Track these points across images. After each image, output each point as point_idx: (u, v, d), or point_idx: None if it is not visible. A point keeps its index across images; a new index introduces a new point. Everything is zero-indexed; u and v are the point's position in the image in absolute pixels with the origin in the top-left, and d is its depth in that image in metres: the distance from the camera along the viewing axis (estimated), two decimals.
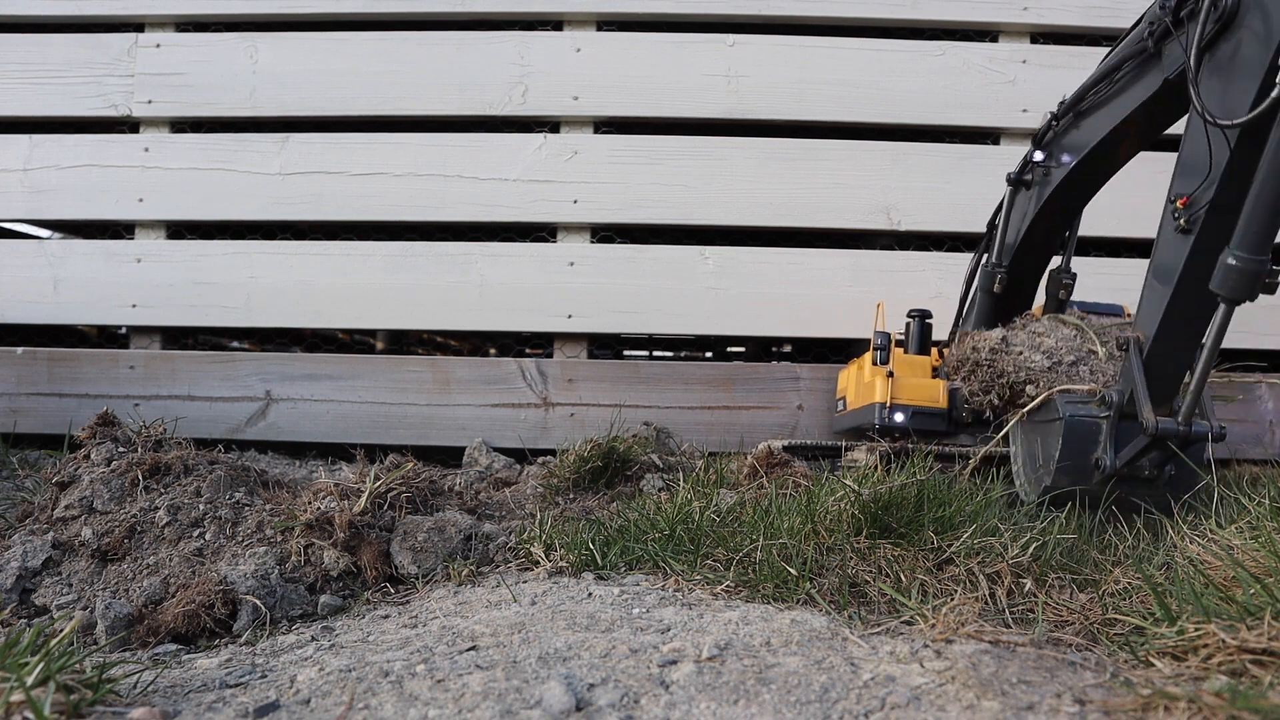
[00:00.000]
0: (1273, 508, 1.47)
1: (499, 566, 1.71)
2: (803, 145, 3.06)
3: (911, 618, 1.26)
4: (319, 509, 1.67)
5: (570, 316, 3.04)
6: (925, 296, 2.89)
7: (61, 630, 1.20)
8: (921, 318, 2.46)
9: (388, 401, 3.02)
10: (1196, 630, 1.07)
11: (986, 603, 1.38)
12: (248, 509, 1.71)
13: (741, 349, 4.30)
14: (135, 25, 3.18)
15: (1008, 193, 2.27)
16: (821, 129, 3.09)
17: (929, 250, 3.08)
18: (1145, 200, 2.99)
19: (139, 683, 1.10)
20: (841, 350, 3.17)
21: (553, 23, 3.15)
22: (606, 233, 3.11)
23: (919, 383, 2.27)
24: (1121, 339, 1.73)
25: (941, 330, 2.55)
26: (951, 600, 1.31)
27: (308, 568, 1.59)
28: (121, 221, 3.14)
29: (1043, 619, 1.31)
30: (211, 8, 3.14)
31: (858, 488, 1.61)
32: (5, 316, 3.09)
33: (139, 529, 1.65)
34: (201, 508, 1.68)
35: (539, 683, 1.02)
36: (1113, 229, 2.98)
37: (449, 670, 1.07)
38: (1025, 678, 1.02)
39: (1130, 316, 2.19)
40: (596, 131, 3.12)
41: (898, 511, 1.59)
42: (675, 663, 1.07)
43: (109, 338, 3.54)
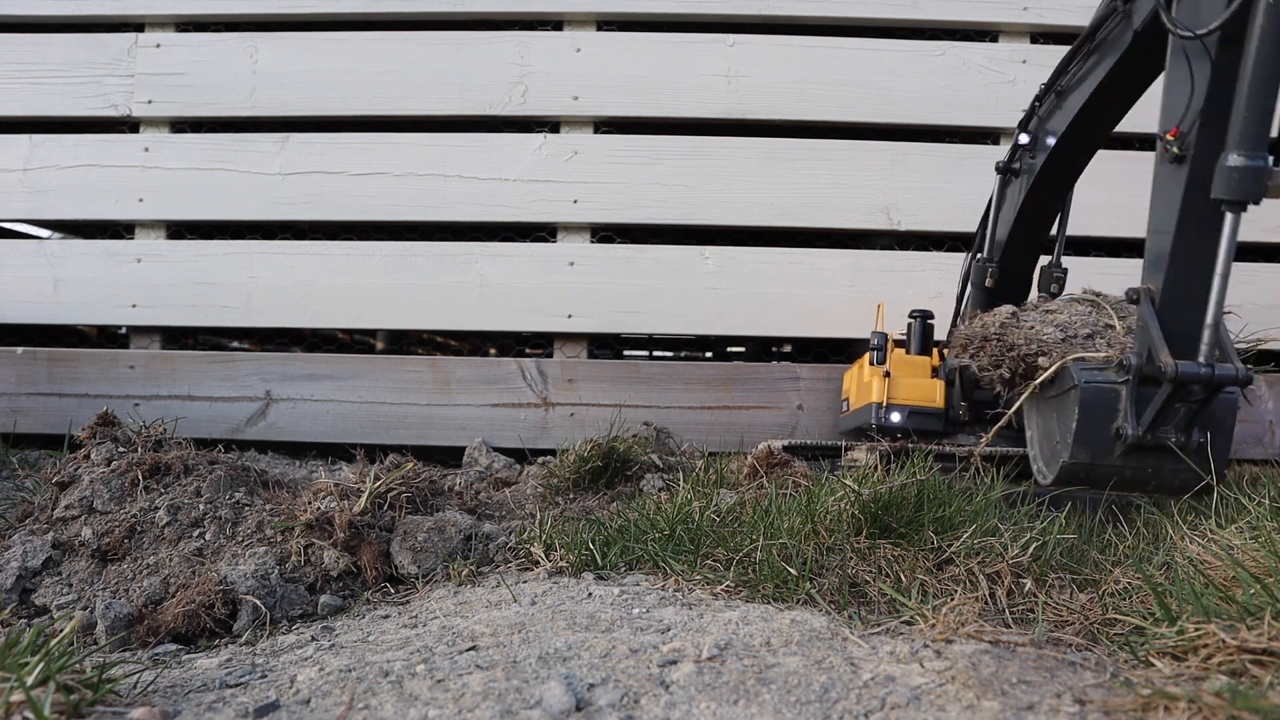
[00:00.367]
0: (1273, 508, 1.47)
1: (499, 566, 1.71)
2: (803, 145, 3.06)
3: (911, 618, 1.26)
4: (319, 509, 1.67)
5: (570, 316, 3.04)
6: (925, 296, 2.89)
7: (61, 630, 1.20)
8: (923, 318, 2.45)
9: (388, 401, 3.02)
10: (1196, 630, 1.07)
11: (986, 603, 1.38)
12: (248, 509, 1.71)
13: (741, 349, 4.30)
14: (135, 25, 3.18)
15: (997, 183, 2.24)
16: (821, 129, 3.09)
17: (929, 250, 3.08)
18: (1144, 195, 2.99)
19: (139, 683, 1.10)
20: (842, 350, 3.17)
21: (553, 23, 3.15)
22: (606, 233, 3.11)
23: (916, 382, 2.27)
24: (1132, 292, 1.62)
25: (941, 330, 2.55)
26: (951, 600, 1.31)
27: (308, 568, 1.59)
28: (121, 221, 3.14)
29: (1043, 619, 1.31)
30: (211, 8, 3.14)
31: (857, 488, 1.61)
32: (5, 316, 3.09)
33: (139, 529, 1.65)
34: (201, 508, 1.68)
35: (539, 683, 1.02)
36: (1113, 229, 2.98)
37: (449, 670, 1.07)
38: (1025, 678, 1.02)
39: None
40: (596, 131, 3.12)
41: (898, 511, 1.59)
42: (675, 663, 1.07)
43: (109, 338, 3.54)
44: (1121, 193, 3.02)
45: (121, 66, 3.13)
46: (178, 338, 3.23)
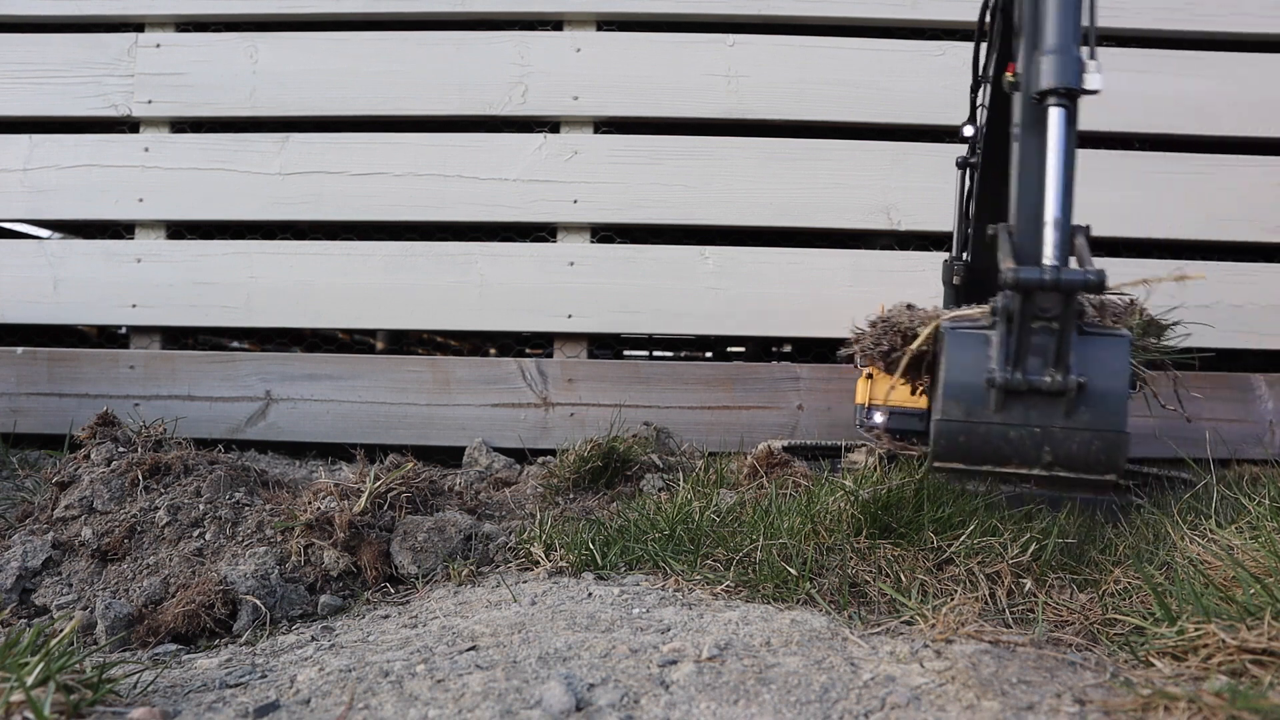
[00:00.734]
0: (1273, 508, 1.47)
1: (499, 566, 1.71)
2: (803, 145, 3.06)
3: (911, 618, 1.26)
4: (319, 509, 1.67)
5: (570, 316, 3.04)
6: (925, 296, 2.88)
7: (61, 630, 1.20)
8: None
9: (388, 401, 3.02)
10: (1196, 630, 1.07)
11: (986, 603, 1.38)
12: (248, 509, 1.71)
13: (741, 349, 4.30)
14: (135, 25, 3.18)
15: (957, 179, 2.25)
16: (821, 129, 3.09)
17: (929, 250, 3.08)
18: (1145, 197, 3.00)
19: (139, 683, 1.10)
20: None
21: (553, 23, 3.15)
22: (606, 233, 3.11)
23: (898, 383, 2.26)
24: (992, 229, 1.54)
25: None
26: (951, 600, 1.31)
27: (308, 568, 1.59)
28: (121, 221, 3.14)
29: (1043, 619, 1.31)
30: (211, 8, 3.14)
31: (854, 489, 1.61)
32: (5, 316, 3.09)
33: (139, 529, 1.65)
34: (201, 508, 1.68)
35: (539, 683, 1.02)
36: (1112, 229, 2.97)
37: (449, 670, 1.07)
38: (1025, 678, 1.02)
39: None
40: (596, 131, 3.12)
41: (897, 511, 1.59)
42: (675, 663, 1.07)
43: (109, 338, 3.54)
44: (1122, 193, 3.03)
45: (121, 66, 3.13)
46: (178, 338, 3.23)
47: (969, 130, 2.13)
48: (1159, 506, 1.85)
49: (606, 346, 4.15)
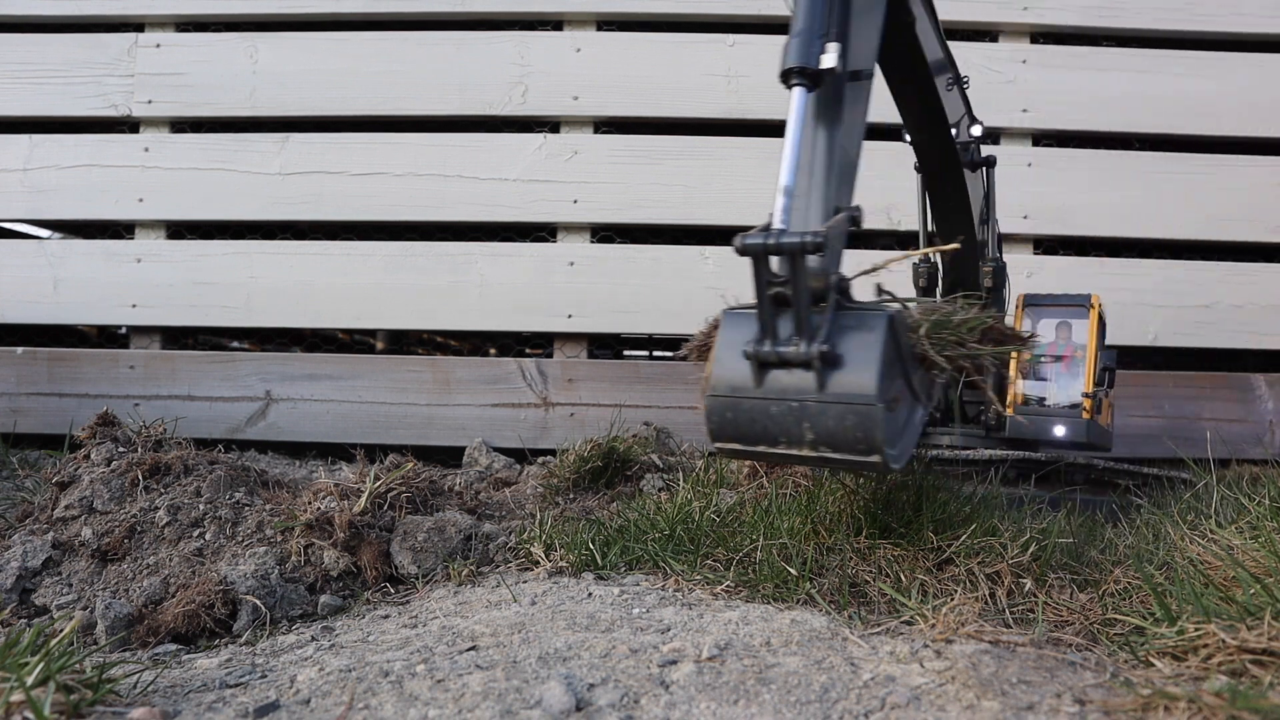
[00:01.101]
0: (1273, 508, 1.47)
1: (499, 566, 1.70)
2: None
3: (911, 618, 1.26)
4: (319, 509, 1.67)
5: (570, 316, 3.04)
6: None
7: (61, 630, 1.20)
8: None
9: (388, 401, 3.02)
10: (1196, 630, 1.07)
11: (986, 603, 1.38)
12: (248, 509, 1.71)
13: None
14: (135, 25, 3.18)
15: (918, 183, 2.25)
16: None
17: None
18: (1145, 197, 2.99)
19: (139, 683, 1.10)
20: None
21: (553, 23, 3.15)
22: (606, 233, 3.11)
23: None
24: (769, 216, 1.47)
25: None
26: (951, 600, 1.31)
27: (308, 568, 1.59)
28: (121, 221, 3.14)
29: (1043, 619, 1.31)
30: (211, 8, 3.14)
31: (853, 488, 1.61)
32: (5, 316, 3.09)
33: (139, 529, 1.65)
34: (201, 508, 1.68)
35: (539, 683, 1.02)
36: (1113, 229, 2.97)
37: (449, 670, 1.07)
38: (1025, 678, 1.02)
39: (1097, 304, 2.18)
40: (596, 131, 3.12)
41: (897, 511, 1.59)
42: (675, 663, 1.07)
43: (109, 338, 3.54)
44: (1122, 192, 3.03)
45: (121, 66, 3.13)
46: (178, 338, 3.23)
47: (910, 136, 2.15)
48: (1159, 506, 1.85)
49: (606, 346, 4.14)
